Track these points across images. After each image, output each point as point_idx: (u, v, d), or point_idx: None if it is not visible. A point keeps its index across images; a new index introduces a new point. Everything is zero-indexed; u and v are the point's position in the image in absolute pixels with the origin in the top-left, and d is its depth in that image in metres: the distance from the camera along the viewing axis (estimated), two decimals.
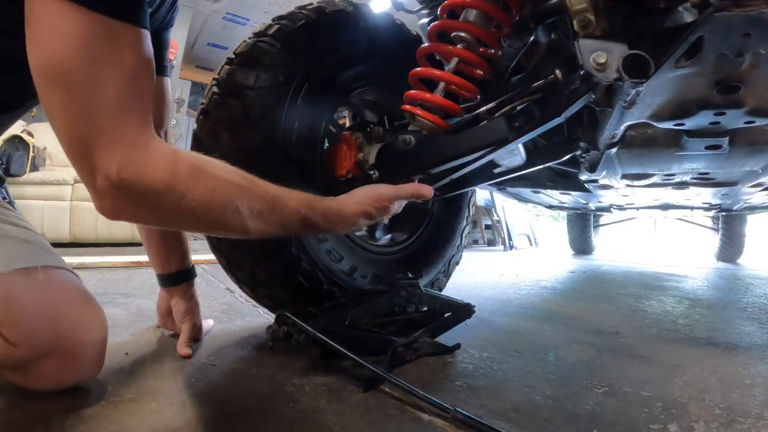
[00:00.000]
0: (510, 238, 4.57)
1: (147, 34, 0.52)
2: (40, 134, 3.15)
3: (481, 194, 4.31)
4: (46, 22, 0.45)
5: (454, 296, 1.02)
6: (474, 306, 0.96)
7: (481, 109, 0.86)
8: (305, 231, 0.69)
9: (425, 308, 0.93)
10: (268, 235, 0.64)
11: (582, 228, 3.58)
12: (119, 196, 0.51)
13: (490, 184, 1.26)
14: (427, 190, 0.78)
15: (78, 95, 0.47)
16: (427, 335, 0.84)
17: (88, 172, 0.50)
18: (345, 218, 0.71)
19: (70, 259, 1.79)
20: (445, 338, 0.89)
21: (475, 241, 4.86)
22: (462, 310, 0.95)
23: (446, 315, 0.93)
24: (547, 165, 0.99)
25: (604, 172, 1.17)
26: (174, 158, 0.53)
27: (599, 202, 1.93)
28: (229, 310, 1.17)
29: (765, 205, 1.88)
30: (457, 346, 0.88)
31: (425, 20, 1.06)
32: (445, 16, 0.87)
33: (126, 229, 2.94)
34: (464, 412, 0.56)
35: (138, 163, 0.50)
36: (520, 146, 0.91)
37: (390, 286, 0.90)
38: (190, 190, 0.53)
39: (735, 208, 1.94)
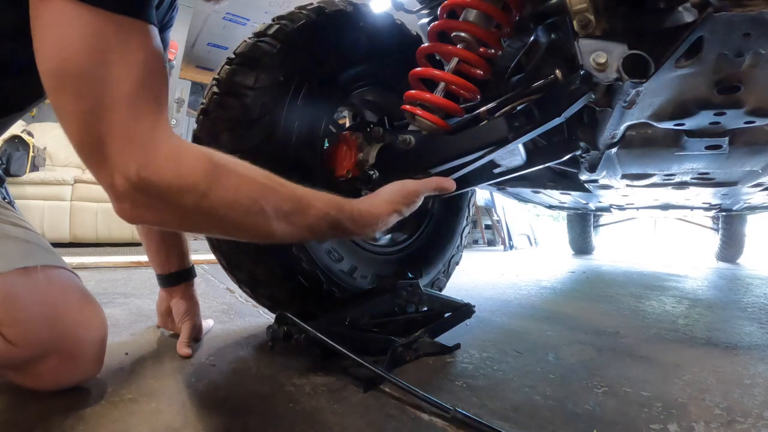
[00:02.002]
0: (510, 238, 4.57)
1: (155, 30, 0.51)
2: (40, 134, 3.16)
3: (481, 194, 4.31)
4: (52, 23, 0.45)
5: (454, 296, 1.02)
6: (474, 306, 0.96)
7: (481, 109, 0.86)
8: (333, 234, 0.66)
9: (425, 308, 0.93)
10: (293, 239, 0.61)
11: (582, 228, 3.58)
12: (140, 198, 0.48)
13: (490, 184, 1.26)
14: (451, 184, 0.77)
15: (89, 95, 0.45)
16: (427, 335, 0.84)
17: (106, 174, 0.47)
18: (377, 218, 0.69)
19: (70, 259, 1.79)
20: (446, 338, 0.89)
21: (475, 241, 4.86)
22: (462, 311, 0.96)
23: (446, 315, 0.93)
24: (547, 165, 0.99)
25: (604, 172, 1.17)
26: (195, 155, 0.51)
27: (599, 202, 1.93)
28: (229, 310, 1.17)
29: (765, 205, 1.88)
30: (457, 346, 0.88)
31: (425, 20, 1.06)
32: (445, 16, 0.87)
33: (126, 229, 2.94)
34: (464, 412, 0.56)
35: (157, 161, 0.48)
36: (520, 146, 0.91)
37: (390, 286, 0.90)
38: (213, 187, 0.51)
39: (735, 208, 1.94)
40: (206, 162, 0.51)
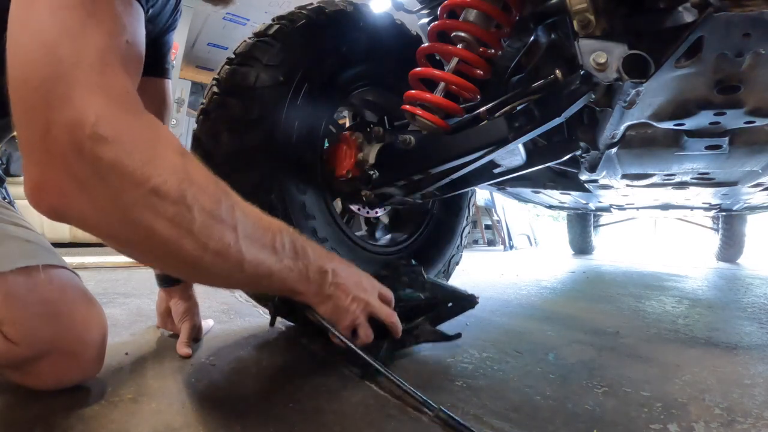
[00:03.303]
0: (510, 238, 4.57)
1: (141, 12, 0.47)
2: None
3: (481, 194, 4.31)
4: None
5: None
6: (477, 297, 0.95)
7: (481, 109, 0.86)
8: (291, 267, 0.56)
9: (427, 295, 0.93)
10: (259, 272, 0.51)
11: (582, 228, 3.58)
12: (77, 165, 0.37)
13: (490, 184, 1.26)
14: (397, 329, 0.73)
15: (67, 24, 0.38)
16: (428, 322, 0.83)
17: (52, 115, 0.36)
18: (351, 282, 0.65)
19: (70, 259, 1.79)
20: (446, 329, 0.88)
21: (475, 241, 4.86)
22: (465, 300, 0.94)
23: (449, 305, 0.92)
24: (547, 165, 0.99)
25: (604, 172, 1.17)
26: (166, 134, 0.43)
27: (599, 202, 1.93)
28: (229, 310, 1.17)
29: (765, 205, 1.88)
30: (458, 335, 0.87)
31: (425, 20, 1.06)
32: (445, 16, 0.87)
33: None
34: (448, 412, 0.55)
35: (123, 121, 0.39)
36: (520, 146, 0.91)
37: (392, 270, 0.89)
38: (179, 171, 0.41)
39: (735, 208, 1.94)
40: (178, 146, 0.44)
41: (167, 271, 0.53)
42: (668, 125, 0.87)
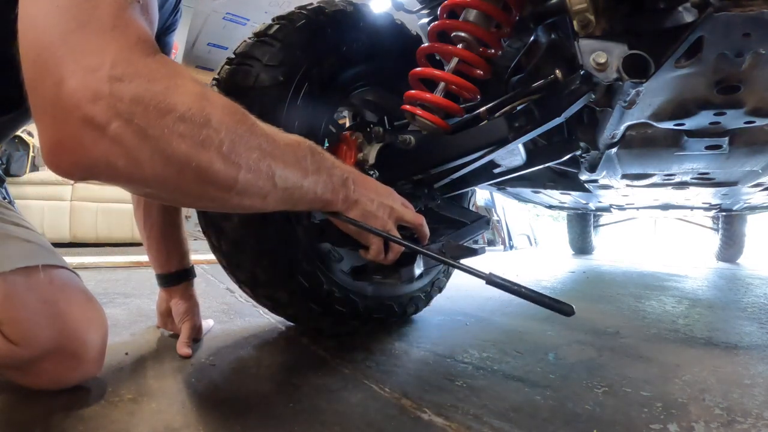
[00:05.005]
0: (510, 238, 4.57)
1: None
2: None
3: (481, 194, 4.31)
4: None
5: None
6: (490, 218, 0.98)
7: (481, 109, 0.86)
8: (317, 181, 0.56)
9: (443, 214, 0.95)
10: (289, 185, 0.51)
11: (582, 228, 3.58)
12: (98, 109, 0.35)
13: (490, 184, 1.26)
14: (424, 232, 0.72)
15: None
16: (452, 240, 0.84)
17: (59, 70, 0.35)
18: (380, 191, 0.65)
19: (70, 259, 1.79)
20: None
21: (475, 241, 4.86)
22: (481, 220, 0.98)
23: (467, 224, 0.94)
24: (547, 165, 0.99)
25: (604, 172, 1.17)
26: (180, 67, 0.43)
27: (599, 202, 1.93)
28: (229, 310, 1.17)
29: (765, 205, 1.88)
30: (483, 250, 0.87)
31: (425, 20, 1.06)
32: (445, 16, 0.87)
33: (126, 229, 2.94)
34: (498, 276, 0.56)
35: (139, 60, 0.38)
36: (520, 146, 0.91)
37: (410, 191, 0.89)
38: (200, 96, 0.41)
39: (735, 208, 1.94)
40: (198, 83, 0.43)
41: (204, 203, 0.51)
42: (668, 125, 0.87)
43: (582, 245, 3.66)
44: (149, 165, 0.39)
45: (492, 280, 0.57)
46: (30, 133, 2.98)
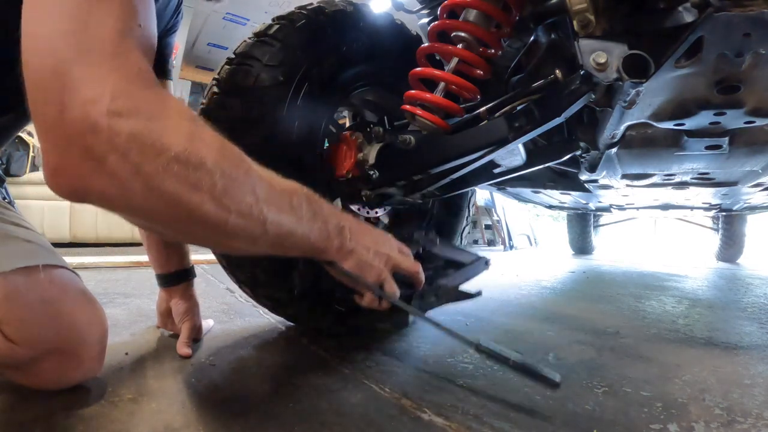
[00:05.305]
0: (510, 238, 4.57)
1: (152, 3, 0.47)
2: None
3: (481, 194, 4.31)
4: None
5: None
6: (490, 260, 0.96)
7: (481, 109, 0.86)
8: (309, 228, 0.56)
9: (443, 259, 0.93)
10: (282, 232, 0.51)
11: (582, 228, 3.58)
12: (97, 141, 0.37)
13: (490, 184, 1.26)
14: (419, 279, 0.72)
15: (77, 11, 0.38)
16: (447, 283, 0.84)
17: (61, 98, 0.36)
18: (374, 239, 0.64)
19: (70, 259, 1.79)
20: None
21: (475, 241, 4.86)
22: (479, 262, 0.94)
23: (466, 266, 0.92)
24: (547, 165, 0.99)
25: (604, 172, 1.17)
26: (181, 105, 0.44)
27: (599, 202, 1.93)
28: (229, 310, 1.17)
29: (765, 205, 1.88)
30: (479, 293, 0.86)
31: (425, 20, 1.06)
32: (445, 16, 0.87)
33: (126, 229, 2.94)
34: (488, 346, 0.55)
35: (138, 95, 0.39)
36: (520, 146, 0.91)
37: (408, 235, 0.89)
38: (197, 138, 0.42)
39: (735, 208, 1.94)
40: (198, 120, 0.45)
41: (193, 240, 0.53)
42: (668, 125, 0.87)
43: (582, 245, 3.66)
44: (141, 199, 0.41)
45: (480, 348, 0.56)
46: (30, 133, 2.98)
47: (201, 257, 1.92)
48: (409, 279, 0.71)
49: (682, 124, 0.86)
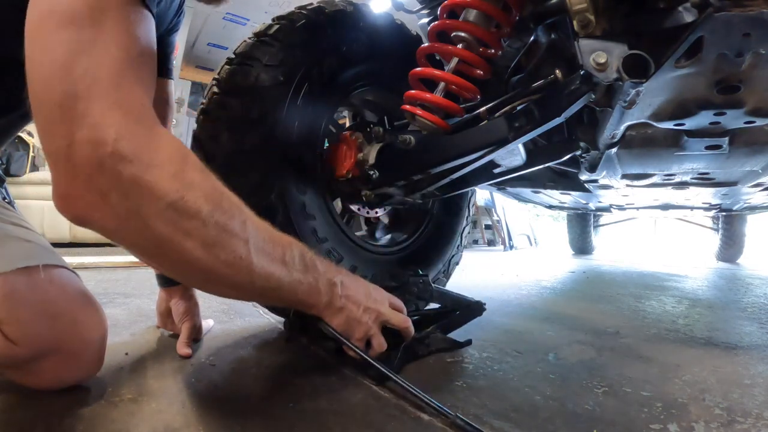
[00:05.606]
0: (510, 238, 4.57)
1: (152, 19, 0.49)
2: None
3: (481, 194, 4.31)
4: None
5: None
6: (485, 304, 0.96)
7: (481, 109, 0.86)
8: (300, 279, 0.58)
9: (436, 305, 0.93)
10: (268, 285, 0.54)
11: (582, 228, 3.58)
12: (99, 179, 0.39)
13: (490, 184, 1.26)
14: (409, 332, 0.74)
15: (80, 38, 0.40)
16: (438, 331, 0.84)
17: (72, 133, 0.38)
18: (361, 296, 0.66)
19: (70, 259, 1.79)
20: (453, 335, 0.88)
21: (475, 241, 4.86)
22: (473, 307, 0.95)
23: (458, 313, 0.93)
24: (547, 165, 0.99)
25: (604, 172, 1.17)
26: (183, 150, 0.45)
27: (599, 202, 1.93)
28: (229, 310, 1.17)
29: (765, 205, 1.88)
30: (469, 342, 0.87)
31: (425, 20, 1.06)
32: (445, 16, 0.87)
33: None
34: (464, 419, 0.55)
35: (141, 138, 0.41)
36: (520, 146, 0.91)
37: (401, 282, 0.90)
38: (196, 187, 0.44)
39: (735, 208, 1.94)
40: (194, 160, 0.46)
41: (181, 279, 0.58)
42: (668, 125, 0.87)
43: (582, 245, 3.66)
44: (135, 236, 0.44)
45: (456, 424, 0.54)
46: (30, 133, 2.98)
47: None
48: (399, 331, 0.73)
49: (682, 124, 0.87)
